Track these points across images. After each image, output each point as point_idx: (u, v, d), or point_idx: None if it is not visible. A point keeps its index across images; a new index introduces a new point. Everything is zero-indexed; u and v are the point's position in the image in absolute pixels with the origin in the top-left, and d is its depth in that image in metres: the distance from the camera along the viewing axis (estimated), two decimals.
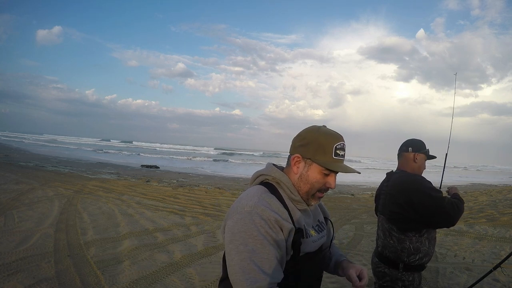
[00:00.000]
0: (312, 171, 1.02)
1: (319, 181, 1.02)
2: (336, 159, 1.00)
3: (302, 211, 1.04)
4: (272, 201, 0.96)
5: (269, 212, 0.92)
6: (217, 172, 19.57)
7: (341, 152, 1.02)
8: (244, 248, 0.89)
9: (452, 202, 1.70)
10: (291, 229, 0.94)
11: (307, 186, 1.02)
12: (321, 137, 1.01)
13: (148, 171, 16.38)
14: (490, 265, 3.95)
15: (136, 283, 3.19)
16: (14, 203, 6.14)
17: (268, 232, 0.90)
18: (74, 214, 5.67)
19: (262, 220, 0.91)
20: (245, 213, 0.93)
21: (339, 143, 1.01)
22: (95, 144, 52.19)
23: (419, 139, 1.92)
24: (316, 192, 1.03)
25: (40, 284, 3.02)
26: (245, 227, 0.91)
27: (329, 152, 1.00)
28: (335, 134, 1.03)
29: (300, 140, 1.05)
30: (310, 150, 1.01)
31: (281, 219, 0.93)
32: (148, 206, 6.88)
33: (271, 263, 0.89)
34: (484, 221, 6.26)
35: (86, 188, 8.59)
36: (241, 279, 0.88)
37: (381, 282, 1.83)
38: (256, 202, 0.94)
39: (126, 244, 4.32)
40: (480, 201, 9.13)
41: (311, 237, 1.03)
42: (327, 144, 1.00)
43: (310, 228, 1.06)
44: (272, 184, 1.04)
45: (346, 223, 6.12)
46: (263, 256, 0.89)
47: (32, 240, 4.19)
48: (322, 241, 1.10)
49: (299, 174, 1.03)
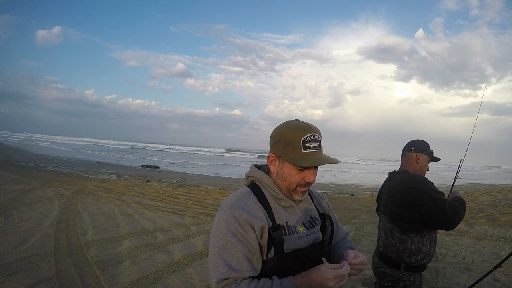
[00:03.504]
0: (286, 169, 1.03)
1: (295, 177, 1.02)
2: (307, 153, 0.99)
3: (287, 208, 1.06)
4: (248, 202, 1.01)
5: (241, 212, 0.97)
6: (215, 172, 19.57)
7: (312, 144, 1.00)
8: (217, 244, 0.97)
9: (453, 205, 1.70)
10: (262, 227, 0.97)
11: (285, 183, 1.04)
12: (288, 133, 1.01)
13: (148, 171, 16.38)
14: (490, 265, 3.95)
15: (136, 283, 3.19)
16: (14, 203, 6.14)
17: (238, 230, 0.96)
18: (74, 214, 5.67)
19: (234, 219, 0.97)
20: (222, 212, 1.00)
21: (307, 136, 1.00)
22: (95, 144, 52.18)
23: (423, 140, 1.90)
24: (297, 187, 1.04)
25: (40, 284, 3.02)
26: (220, 225, 0.98)
27: (297, 147, 0.99)
28: (304, 126, 1.02)
29: (271, 138, 1.06)
30: (280, 148, 1.02)
31: (252, 219, 0.97)
32: (148, 206, 6.88)
33: (239, 259, 0.94)
34: (484, 221, 6.25)
35: (86, 188, 8.58)
36: (211, 271, 0.96)
37: (382, 282, 1.83)
38: (233, 203, 1.00)
39: (126, 244, 4.32)
40: (480, 201, 9.13)
41: (297, 233, 1.04)
42: (294, 140, 0.99)
43: (299, 225, 1.06)
44: (257, 183, 1.08)
45: (346, 223, 6.12)
46: (231, 252, 0.95)
47: (32, 240, 4.19)
48: (313, 237, 1.09)
49: (276, 173, 1.05)
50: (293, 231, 1.03)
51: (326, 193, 10.80)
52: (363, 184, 16.37)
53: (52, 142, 45.34)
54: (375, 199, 7.76)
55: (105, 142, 66.14)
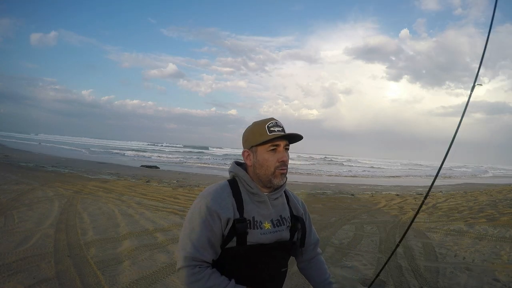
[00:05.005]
0: (260, 154, 1.15)
1: (270, 159, 1.14)
2: (272, 134, 1.13)
3: (259, 203, 1.15)
4: (222, 194, 1.12)
5: (213, 202, 1.09)
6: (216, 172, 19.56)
7: (275, 128, 1.14)
8: (188, 225, 1.10)
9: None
10: (228, 219, 1.08)
11: (263, 169, 1.14)
12: (254, 127, 1.18)
13: (148, 171, 16.38)
14: (491, 265, 3.95)
15: (136, 283, 3.19)
16: (14, 203, 6.14)
17: (207, 218, 1.08)
18: (74, 215, 5.67)
19: (206, 207, 1.09)
20: (198, 199, 1.13)
21: (270, 122, 1.15)
22: (94, 144, 52.17)
23: None
24: (275, 171, 1.14)
25: (40, 284, 3.02)
26: (194, 210, 1.12)
27: (264, 132, 1.13)
28: (266, 118, 1.18)
29: (242, 139, 1.21)
30: (250, 140, 1.16)
31: (221, 210, 1.08)
32: (148, 206, 6.88)
33: (203, 243, 1.07)
34: (484, 221, 6.26)
35: (86, 188, 8.58)
36: (179, 249, 1.10)
37: None
38: (209, 193, 1.12)
39: (126, 244, 4.32)
40: (480, 201, 9.13)
41: (261, 229, 1.12)
42: (260, 128, 1.15)
43: (266, 221, 1.15)
44: (236, 178, 1.19)
45: (346, 223, 6.11)
46: (198, 235, 1.08)
47: (32, 240, 4.19)
48: (278, 235, 1.16)
49: (253, 164, 1.16)
50: (258, 226, 1.12)
51: (326, 193, 10.80)
52: (363, 184, 16.38)
53: (52, 142, 45.33)
54: (375, 199, 7.77)
55: (104, 142, 66.14)
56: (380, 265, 3.95)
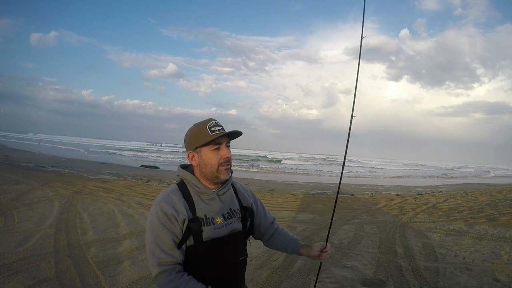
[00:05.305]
0: (205, 154, 1.22)
1: (214, 158, 1.21)
2: (214, 134, 1.20)
3: (209, 200, 1.23)
4: (174, 198, 1.19)
5: (168, 206, 1.16)
6: None
7: (216, 128, 1.21)
8: (151, 234, 1.16)
9: None
10: (184, 219, 1.15)
11: (208, 167, 1.22)
12: (195, 129, 1.24)
13: (148, 171, 16.37)
14: (491, 265, 3.95)
15: (136, 283, 3.19)
16: (14, 203, 6.14)
17: (166, 222, 1.14)
18: (74, 215, 5.67)
19: (163, 213, 1.15)
20: (153, 207, 1.19)
21: (210, 123, 1.22)
22: (94, 144, 52.18)
23: None
24: (219, 167, 1.22)
25: (40, 284, 3.02)
26: (152, 218, 1.17)
27: (206, 133, 1.20)
28: (206, 120, 1.25)
29: (185, 141, 1.27)
30: (193, 141, 1.23)
31: (176, 212, 1.15)
32: (148, 206, 6.87)
33: (170, 246, 1.14)
34: (484, 221, 6.26)
35: (86, 188, 8.58)
36: (151, 260, 1.14)
37: None
38: (161, 199, 1.19)
39: (126, 244, 4.32)
40: (480, 201, 9.13)
41: (213, 224, 1.21)
42: (201, 129, 1.22)
43: (218, 216, 1.23)
44: (184, 181, 1.26)
45: (346, 223, 6.11)
46: (163, 240, 1.14)
47: (32, 240, 4.19)
48: (231, 227, 1.25)
49: (198, 164, 1.24)
50: (211, 222, 1.20)
51: (326, 193, 10.80)
52: (363, 184, 16.38)
53: (52, 142, 45.34)
54: (375, 199, 7.77)
55: (104, 142, 66.15)
56: (380, 265, 3.95)
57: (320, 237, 5.09)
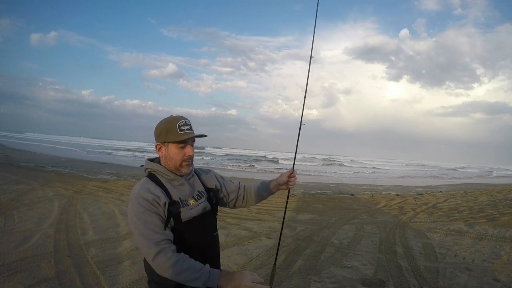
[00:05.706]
0: (171, 150, 1.33)
1: (179, 155, 1.32)
2: (182, 133, 1.30)
3: (180, 186, 1.35)
4: (150, 186, 1.28)
5: (148, 194, 1.25)
6: None
7: (185, 127, 1.31)
8: (139, 222, 1.22)
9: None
10: (165, 202, 1.25)
11: (172, 161, 1.33)
12: (166, 124, 1.33)
13: None
14: (490, 265, 3.95)
15: (136, 283, 3.19)
16: (14, 203, 6.14)
17: (150, 207, 1.23)
18: (74, 215, 5.67)
19: (144, 200, 1.23)
20: (132, 199, 1.26)
21: (181, 121, 1.32)
22: (94, 144, 52.17)
23: None
24: (182, 163, 1.33)
25: (40, 284, 3.02)
26: (134, 208, 1.24)
27: (175, 131, 1.30)
28: (177, 117, 1.34)
29: (155, 132, 1.35)
30: (162, 136, 1.32)
31: (157, 197, 1.24)
32: None
33: (160, 227, 1.23)
34: (484, 221, 6.26)
35: (86, 188, 8.58)
36: (146, 243, 1.20)
37: None
38: (138, 189, 1.27)
39: (126, 244, 4.32)
40: (480, 201, 9.13)
41: (188, 206, 1.33)
42: (171, 126, 1.31)
43: (189, 198, 1.36)
44: (153, 173, 1.35)
45: (346, 223, 6.11)
46: (153, 223, 1.22)
47: (32, 240, 4.19)
48: (202, 206, 1.38)
49: (164, 157, 1.35)
50: (185, 204, 1.32)
51: (326, 193, 10.80)
52: (363, 184, 16.38)
53: (52, 142, 45.32)
54: (375, 199, 7.77)
55: (104, 142, 66.13)
56: (380, 265, 3.95)
57: (320, 237, 5.09)
